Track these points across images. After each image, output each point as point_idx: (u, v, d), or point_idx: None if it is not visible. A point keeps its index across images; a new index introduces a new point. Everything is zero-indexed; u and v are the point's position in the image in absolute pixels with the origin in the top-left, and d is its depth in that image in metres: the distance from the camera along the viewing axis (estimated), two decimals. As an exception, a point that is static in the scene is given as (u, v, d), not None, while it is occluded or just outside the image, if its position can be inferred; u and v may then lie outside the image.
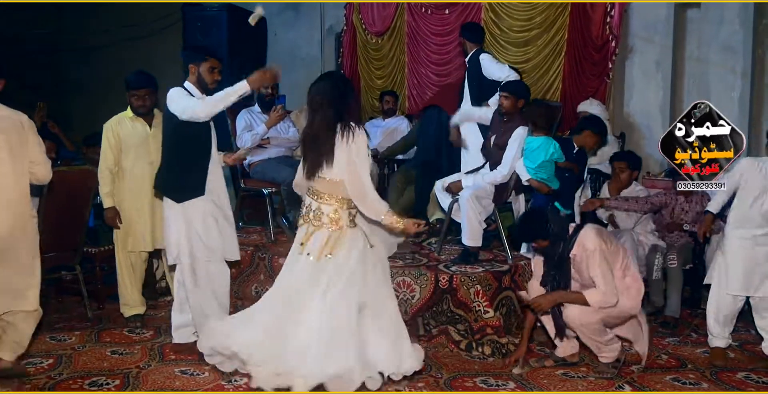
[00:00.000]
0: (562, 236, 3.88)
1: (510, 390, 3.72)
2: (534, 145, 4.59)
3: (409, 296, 4.55)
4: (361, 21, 7.80)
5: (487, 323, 4.34)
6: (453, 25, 7.03)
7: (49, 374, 3.84)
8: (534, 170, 4.60)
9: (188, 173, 4.01)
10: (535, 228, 3.89)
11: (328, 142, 3.58)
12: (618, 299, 3.79)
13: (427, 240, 5.54)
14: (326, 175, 3.62)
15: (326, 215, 3.64)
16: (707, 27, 6.19)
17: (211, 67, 4.02)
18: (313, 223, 3.66)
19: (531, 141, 4.62)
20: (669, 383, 3.82)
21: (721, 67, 6.12)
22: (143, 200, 4.63)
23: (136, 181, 4.61)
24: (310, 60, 8.32)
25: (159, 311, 5.10)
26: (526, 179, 4.68)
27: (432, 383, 3.78)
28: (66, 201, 4.66)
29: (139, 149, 4.62)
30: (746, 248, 4.03)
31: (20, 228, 3.53)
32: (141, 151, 4.62)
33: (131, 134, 4.66)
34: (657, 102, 6.36)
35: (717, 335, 4.16)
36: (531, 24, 6.61)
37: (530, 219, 4.00)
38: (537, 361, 4.10)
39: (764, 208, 3.99)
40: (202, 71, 4.00)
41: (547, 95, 6.50)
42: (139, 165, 4.62)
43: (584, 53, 6.44)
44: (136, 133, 4.66)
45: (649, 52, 6.40)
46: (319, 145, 3.61)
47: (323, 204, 3.64)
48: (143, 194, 4.60)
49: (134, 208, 4.65)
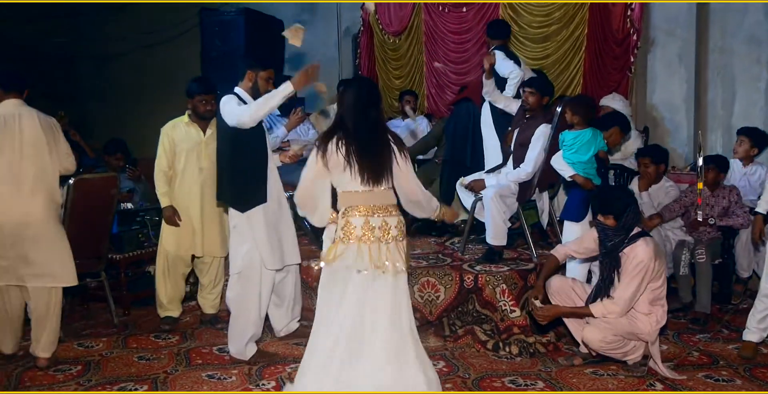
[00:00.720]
0: (628, 228, 3.81)
1: (539, 390, 3.67)
2: (585, 138, 4.49)
3: (434, 296, 4.51)
4: (378, 21, 7.77)
5: (513, 322, 4.29)
6: (471, 23, 6.98)
7: (78, 381, 3.86)
8: (583, 165, 4.51)
9: (248, 182, 4.07)
10: (617, 204, 3.79)
11: (386, 148, 3.30)
12: (622, 313, 3.75)
13: (451, 240, 5.51)
14: (384, 185, 3.29)
15: (394, 227, 3.29)
16: (731, 17, 6.08)
17: (268, 77, 4.17)
18: (380, 239, 3.25)
19: (580, 134, 4.51)
20: (701, 380, 3.76)
21: (746, 58, 6.01)
22: (192, 203, 4.71)
23: (186, 184, 4.71)
24: (328, 61, 8.29)
25: (184, 316, 5.10)
26: (570, 175, 4.52)
27: (460, 383, 3.75)
28: (89, 208, 4.69)
29: (191, 154, 4.70)
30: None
31: (54, 214, 4.06)
32: (192, 156, 4.70)
33: (185, 139, 4.72)
34: (681, 95, 6.26)
35: (751, 328, 4.10)
36: (550, 19, 6.54)
37: (616, 195, 3.91)
38: (566, 359, 4.06)
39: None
40: (260, 79, 4.13)
41: (569, 91, 6.43)
42: (190, 169, 4.70)
43: (605, 47, 6.37)
44: (189, 139, 4.72)
45: (672, 44, 6.31)
46: (380, 152, 3.29)
47: (388, 217, 3.29)
48: (192, 198, 4.70)
49: (182, 210, 4.72)
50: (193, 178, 4.69)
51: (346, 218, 3.27)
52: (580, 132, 4.47)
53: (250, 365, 4.07)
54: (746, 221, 4.92)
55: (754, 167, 5.42)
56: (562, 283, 4.09)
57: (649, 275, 3.74)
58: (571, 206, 4.61)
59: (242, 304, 4.10)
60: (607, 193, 4.00)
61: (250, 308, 4.09)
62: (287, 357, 4.19)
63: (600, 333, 3.75)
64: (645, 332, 3.79)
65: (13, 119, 3.95)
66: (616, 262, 3.84)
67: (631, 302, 3.75)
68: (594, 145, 4.45)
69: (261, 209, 4.03)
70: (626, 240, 3.81)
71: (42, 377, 3.93)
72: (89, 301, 5.41)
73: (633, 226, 3.83)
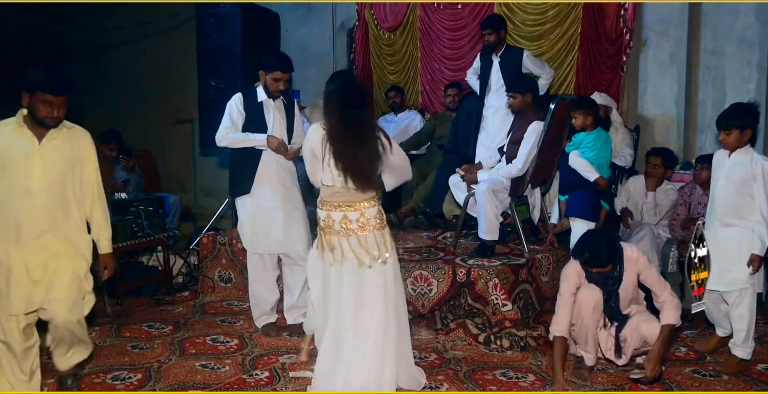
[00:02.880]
0: (620, 259, 3.75)
1: (530, 383, 3.72)
2: (602, 137, 4.56)
3: (427, 289, 4.56)
4: (374, 17, 7.78)
5: (505, 316, 4.34)
6: (466, 20, 7.00)
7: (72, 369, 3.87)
8: (603, 167, 4.59)
9: (237, 172, 4.47)
10: (610, 254, 3.67)
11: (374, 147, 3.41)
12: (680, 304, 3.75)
13: (443, 234, 5.55)
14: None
15: (373, 218, 3.45)
16: (722, 19, 6.14)
17: (275, 78, 4.31)
18: (357, 232, 3.41)
19: (596, 134, 4.56)
20: (689, 375, 3.82)
21: (737, 60, 6.07)
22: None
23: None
24: (323, 56, 8.31)
25: (176, 307, 5.13)
26: (595, 178, 4.65)
27: (452, 375, 3.80)
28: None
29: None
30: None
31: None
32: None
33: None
34: (672, 95, 6.32)
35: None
36: (544, 18, 6.57)
37: (605, 247, 3.67)
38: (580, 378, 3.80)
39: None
40: (268, 79, 4.32)
41: (561, 89, 6.47)
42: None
43: (598, 46, 6.42)
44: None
45: (664, 44, 6.36)
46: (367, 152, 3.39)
47: (368, 209, 3.43)
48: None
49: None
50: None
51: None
52: (595, 132, 4.58)
53: (244, 355, 4.11)
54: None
55: None
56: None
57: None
58: (585, 205, 4.69)
59: (251, 283, 4.56)
60: (597, 248, 3.68)
61: (253, 287, 4.54)
62: (280, 348, 4.23)
63: (656, 322, 3.70)
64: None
65: None
66: (617, 283, 3.78)
67: (671, 289, 3.77)
68: (610, 143, 4.55)
69: (246, 199, 4.40)
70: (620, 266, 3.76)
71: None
72: (82, 290, 5.41)
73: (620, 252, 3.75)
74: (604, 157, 4.70)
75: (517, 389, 3.64)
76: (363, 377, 3.38)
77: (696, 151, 6.17)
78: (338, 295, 3.45)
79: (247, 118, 4.36)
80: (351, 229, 3.41)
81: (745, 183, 3.80)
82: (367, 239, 3.42)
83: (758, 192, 3.78)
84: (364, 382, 3.38)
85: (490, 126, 5.58)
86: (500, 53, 5.59)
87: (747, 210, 3.81)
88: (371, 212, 3.44)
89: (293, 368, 3.86)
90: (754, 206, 3.79)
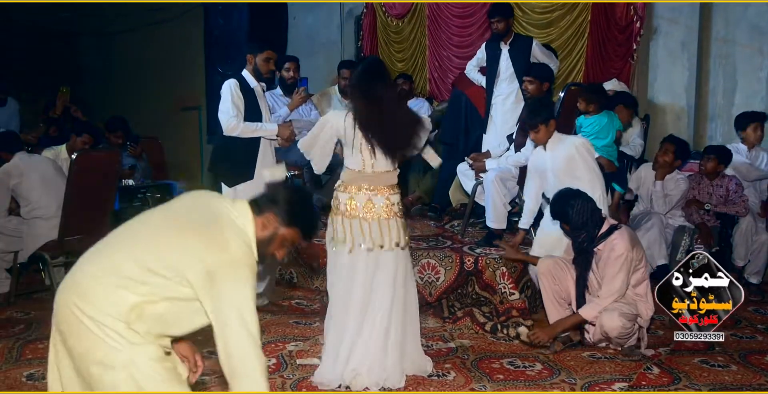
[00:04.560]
0: (585, 227, 3.84)
1: (537, 372, 3.71)
2: (603, 122, 4.53)
3: (434, 278, 4.55)
4: (381, 4, 7.75)
5: (512, 305, 4.33)
6: (474, 7, 6.95)
7: None
8: (605, 149, 4.54)
9: (238, 159, 4.35)
10: (559, 211, 3.89)
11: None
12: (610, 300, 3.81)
13: (450, 223, 5.54)
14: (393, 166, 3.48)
15: (396, 205, 3.49)
16: (734, 7, 6.07)
17: (267, 57, 4.32)
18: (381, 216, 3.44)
19: (597, 118, 4.54)
20: (697, 365, 3.80)
21: (748, 48, 6.02)
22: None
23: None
24: (330, 44, 8.28)
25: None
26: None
27: (459, 364, 3.78)
28: (92, 183, 4.69)
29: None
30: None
31: None
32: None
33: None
34: (682, 83, 6.27)
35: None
36: (554, 5, 6.53)
37: (557, 201, 3.94)
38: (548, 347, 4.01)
39: None
40: (259, 61, 4.30)
41: (570, 77, 6.44)
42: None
43: (608, 34, 6.37)
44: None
45: (675, 32, 6.30)
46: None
47: (392, 194, 3.47)
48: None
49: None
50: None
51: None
52: (596, 117, 4.53)
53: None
54: (745, 209, 4.97)
55: (759, 152, 5.43)
56: (552, 264, 4.09)
57: (632, 265, 3.81)
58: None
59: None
60: (553, 200, 3.97)
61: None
62: (287, 335, 4.23)
63: (619, 320, 3.77)
64: (645, 316, 3.87)
65: None
66: (588, 262, 3.90)
67: (618, 296, 3.81)
68: (613, 128, 4.50)
69: (250, 185, 4.30)
70: (595, 237, 3.85)
71: (43, 350, 3.94)
72: (89, 277, 5.42)
73: (591, 222, 3.84)
74: (605, 140, 4.61)
75: (524, 377, 3.63)
76: (368, 363, 3.39)
77: (706, 140, 6.13)
78: (350, 280, 3.44)
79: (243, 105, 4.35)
80: (376, 213, 3.42)
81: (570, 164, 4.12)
82: (389, 224, 3.44)
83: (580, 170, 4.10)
84: (369, 367, 3.39)
85: (499, 114, 5.54)
86: (509, 41, 5.54)
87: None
88: (395, 198, 3.48)
89: (300, 355, 3.86)
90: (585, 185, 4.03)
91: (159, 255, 2.18)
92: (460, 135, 5.90)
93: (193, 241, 2.20)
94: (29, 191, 4.79)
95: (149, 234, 2.28)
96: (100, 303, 2.12)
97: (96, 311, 2.11)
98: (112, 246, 2.28)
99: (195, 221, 2.29)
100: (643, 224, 4.95)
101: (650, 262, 4.82)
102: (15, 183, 4.78)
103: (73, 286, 2.20)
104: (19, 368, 3.71)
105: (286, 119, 5.53)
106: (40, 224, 4.78)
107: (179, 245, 2.19)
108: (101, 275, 2.16)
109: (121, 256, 2.20)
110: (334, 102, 6.29)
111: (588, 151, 4.21)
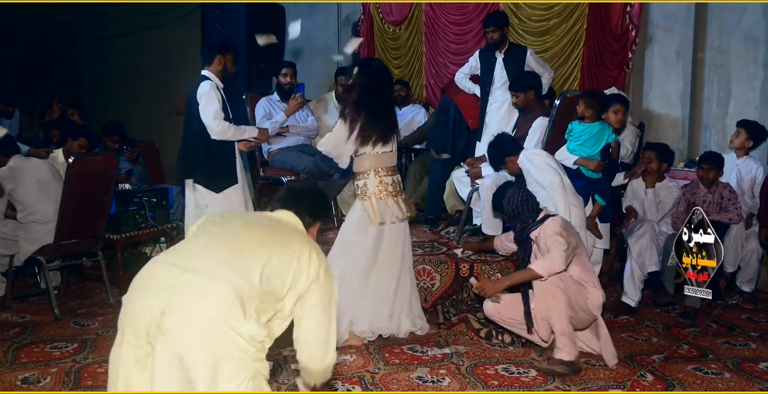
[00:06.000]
0: (520, 216, 3.96)
1: (532, 378, 3.72)
2: (593, 131, 4.55)
3: (430, 284, 4.56)
4: (379, 10, 7.77)
5: (507, 311, 4.34)
6: (471, 14, 6.98)
7: (74, 358, 3.90)
8: (596, 157, 4.60)
9: (221, 163, 4.37)
10: (495, 202, 4.12)
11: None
12: (562, 264, 3.73)
13: (446, 229, 5.55)
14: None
15: (398, 183, 4.16)
16: (729, 16, 6.11)
17: (234, 58, 4.40)
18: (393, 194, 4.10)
19: (589, 127, 4.57)
20: (691, 373, 3.82)
21: (743, 57, 6.05)
22: None
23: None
24: (327, 49, 8.31)
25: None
26: (573, 162, 4.61)
27: (453, 369, 3.80)
28: (89, 187, 4.70)
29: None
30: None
31: None
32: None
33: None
34: (677, 92, 6.30)
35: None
36: (550, 13, 6.55)
37: (494, 193, 4.14)
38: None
39: None
40: (228, 61, 4.36)
41: (566, 85, 6.46)
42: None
43: (603, 43, 6.39)
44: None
45: (670, 41, 6.34)
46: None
47: (395, 175, 4.13)
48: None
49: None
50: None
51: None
52: (589, 125, 4.54)
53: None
54: (737, 216, 5.00)
55: (747, 160, 5.46)
56: (492, 307, 4.13)
57: (570, 246, 3.76)
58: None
59: None
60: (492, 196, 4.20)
61: None
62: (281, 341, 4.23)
63: (566, 310, 3.72)
64: (595, 304, 3.87)
65: None
66: (528, 248, 3.98)
67: (564, 260, 3.73)
68: (602, 140, 4.52)
69: (238, 188, 4.43)
70: (530, 225, 3.93)
71: (38, 354, 3.97)
72: (85, 280, 5.44)
73: (526, 210, 3.95)
74: (590, 150, 4.59)
75: (519, 384, 3.64)
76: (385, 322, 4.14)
77: (701, 148, 6.15)
78: (372, 252, 4.06)
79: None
80: (399, 191, 4.15)
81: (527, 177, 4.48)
82: (402, 199, 4.17)
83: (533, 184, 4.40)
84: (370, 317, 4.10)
85: (494, 121, 5.57)
86: (504, 50, 5.57)
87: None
88: (400, 177, 4.19)
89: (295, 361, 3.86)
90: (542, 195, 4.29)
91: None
92: (447, 144, 5.91)
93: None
94: (26, 195, 4.79)
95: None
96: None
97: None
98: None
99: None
100: (636, 231, 4.97)
101: (642, 268, 4.86)
102: (11, 187, 4.77)
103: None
104: (14, 372, 3.71)
105: (282, 125, 5.56)
106: (37, 227, 4.78)
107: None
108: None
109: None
110: (330, 108, 6.30)
111: (531, 163, 4.40)
